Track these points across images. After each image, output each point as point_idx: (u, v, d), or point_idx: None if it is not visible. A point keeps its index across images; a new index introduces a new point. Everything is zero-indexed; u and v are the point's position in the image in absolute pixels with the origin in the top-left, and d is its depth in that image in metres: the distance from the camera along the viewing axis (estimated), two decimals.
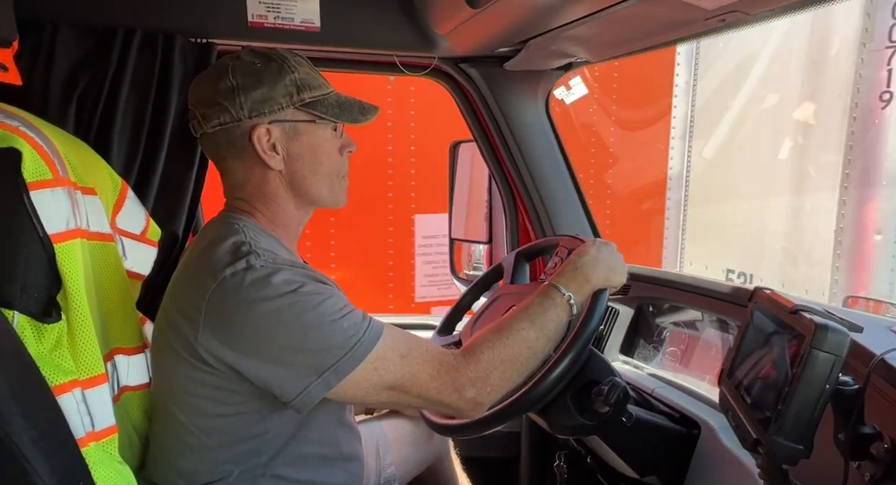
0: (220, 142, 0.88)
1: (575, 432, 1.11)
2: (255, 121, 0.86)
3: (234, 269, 0.78)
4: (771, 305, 0.75)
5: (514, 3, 0.99)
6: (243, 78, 0.86)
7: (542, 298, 0.92)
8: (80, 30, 1.11)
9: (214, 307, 0.78)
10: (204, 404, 0.84)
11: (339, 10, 1.25)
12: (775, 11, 0.93)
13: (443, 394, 0.83)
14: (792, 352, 0.64)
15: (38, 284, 0.68)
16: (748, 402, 0.71)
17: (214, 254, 0.81)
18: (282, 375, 0.78)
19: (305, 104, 0.89)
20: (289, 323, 0.77)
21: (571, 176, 1.55)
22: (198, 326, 0.78)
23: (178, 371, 0.83)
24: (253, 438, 0.86)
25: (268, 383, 0.79)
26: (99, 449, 0.72)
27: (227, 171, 0.92)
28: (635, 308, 1.39)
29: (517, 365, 0.88)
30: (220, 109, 0.85)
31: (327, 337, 0.78)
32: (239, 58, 0.88)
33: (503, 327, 0.89)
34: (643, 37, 1.13)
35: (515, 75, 1.43)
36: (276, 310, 0.77)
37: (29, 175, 0.68)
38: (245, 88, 0.85)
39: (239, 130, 0.86)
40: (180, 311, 0.82)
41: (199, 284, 0.80)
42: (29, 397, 0.60)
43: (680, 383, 1.19)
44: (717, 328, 1.19)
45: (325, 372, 0.77)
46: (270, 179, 0.90)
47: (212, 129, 0.87)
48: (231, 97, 0.85)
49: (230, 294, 0.77)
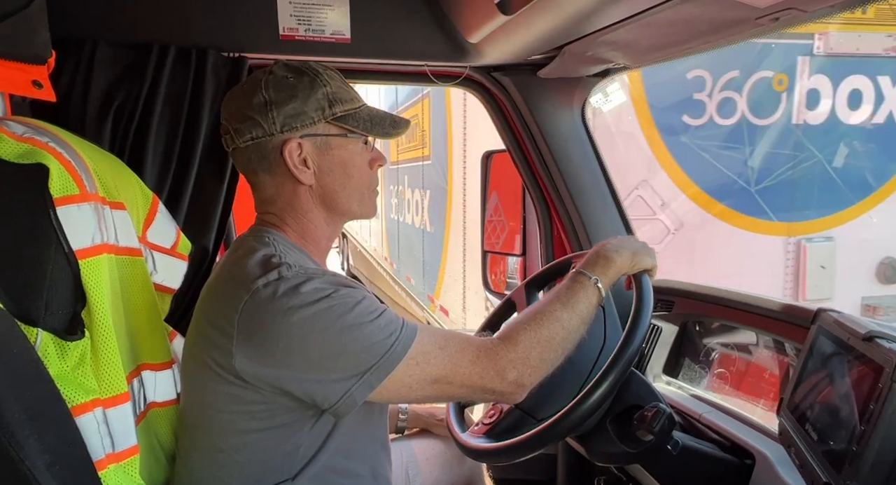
0: (251, 157, 0.88)
1: (615, 461, 1.05)
2: (287, 135, 0.86)
3: (266, 279, 0.78)
4: (838, 328, 0.68)
5: (549, 8, 0.95)
6: (276, 92, 0.86)
7: (571, 283, 0.93)
8: (117, 47, 1.13)
9: (249, 320, 0.77)
10: (235, 420, 0.82)
11: (369, 21, 1.24)
12: (835, 7, 0.85)
13: (486, 379, 0.83)
14: (867, 384, 0.57)
15: (62, 301, 0.68)
16: (814, 438, 0.64)
17: (246, 266, 0.81)
18: (323, 381, 0.77)
19: (337, 118, 0.89)
20: (326, 328, 0.76)
21: (610, 187, 1.48)
22: (232, 340, 0.77)
23: (209, 386, 0.82)
24: (283, 453, 0.84)
25: (309, 391, 0.78)
26: (119, 471, 0.70)
27: (259, 185, 0.91)
28: (679, 326, 1.31)
29: (553, 345, 0.87)
30: (253, 124, 0.86)
31: (366, 338, 0.77)
32: (272, 72, 0.88)
33: (537, 311, 0.89)
34: (687, 40, 1.07)
35: (550, 83, 1.39)
36: (311, 316, 0.76)
37: (56, 191, 0.68)
38: (277, 103, 0.85)
39: (271, 144, 0.87)
40: (213, 324, 0.81)
41: (232, 297, 0.79)
42: (45, 420, 0.59)
43: (730, 407, 1.10)
44: (772, 350, 1.10)
45: (366, 373, 0.77)
46: (301, 194, 0.90)
47: (244, 143, 0.87)
48: (263, 112, 0.85)
49: (264, 305, 0.77)
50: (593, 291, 0.92)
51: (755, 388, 1.11)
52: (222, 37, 1.19)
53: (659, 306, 1.33)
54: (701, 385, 1.22)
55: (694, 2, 0.84)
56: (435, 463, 1.26)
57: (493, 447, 1.01)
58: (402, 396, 0.82)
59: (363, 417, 0.88)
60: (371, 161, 0.94)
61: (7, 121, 0.74)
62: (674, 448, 0.93)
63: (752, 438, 0.99)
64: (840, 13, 0.86)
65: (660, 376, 1.31)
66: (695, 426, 1.09)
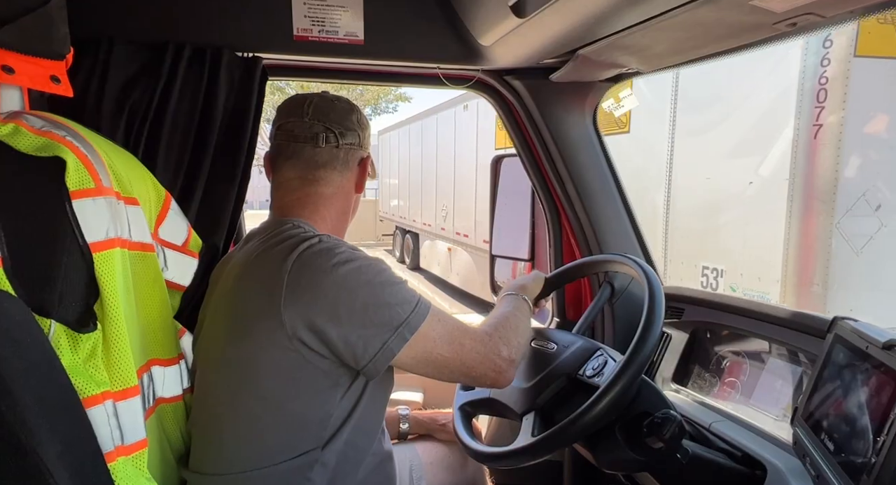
0: (340, 156, 1.04)
1: (624, 468, 1.03)
2: (366, 152, 1.08)
3: (308, 243, 0.88)
4: (856, 337, 0.66)
5: (563, 11, 0.95)
6: (363, 119, 1.09)
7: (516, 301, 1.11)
8: (134, 45, 1.14)
9: (297, 277, 0.84)
10: (274, 388, 0.87)
11: (382, 23, 1.25)
12: (854, 13, 0.84)
13: (489, 350, 0.92)
14: (887, 394, 0.56)
15: (76, 293, 0.68)
16: (830, 448, 0.63)
17: (285, 239, 0.90)
18: (365, 331, 0.84)
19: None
20: (369, 281, 0.86)
21: (620, 192, 1.47)
22: (280, 298, 0.84)
23: (250, 356, 0.87)
24: (316, 421, 0.89)
25: (351, 343, 0.84)
26: (128, 464, 0.70)
27: (324, 179, 1.03)
28: (689, 333, 1.30)
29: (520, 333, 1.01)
30: (353, 135, 1.05)
31: (399, 293, 0.88)
32: (348, 102, 1.08)
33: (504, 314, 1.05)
34: (702, 45, 1.06)
35: (562, 87, 1.38)
36: (356, 270, 0.86)
37: (72, 184, 0.68)
38: (363, 127, 1.08)
39: (357, 154, 1.06)
40: (255, 293, 0.88)
41: (277, 262, 0.86)
42: (57, 410, 0.59)
43: (741, 417, 1.09)
44: (785, 359, 1.08)
45: (401, 325, 0.85)
46: (349, 199, 1.07)
47: (345, 144, 1.04)
48: (360, 129, 1.06)
49: (311, 262, 0.86)
50: (526, 302, 1.12)
51: (767, 397, 1.09)
52: (237, 37, 1.20)
53: (669, 314, 1.31)
54: (711, 394, 1.21)
55: (710, 6, 0.84)
56: (438, 467, 1.25)
57: (500, 451, 1.00)
58: (428, 352, 0.89)
59: (377, 395, 0.95)
60: None
61: (25, 115, 0.74)
62: (683, 457, 0.92)
63: (763, 448, 0.97)
64: (860, 19, 0.85)
65: (669, 384, 1.29)
66: (704, 435, 1.08)
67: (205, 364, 0.96)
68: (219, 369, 0.92)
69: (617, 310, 1.44)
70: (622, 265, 1.13)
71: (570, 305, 1.59)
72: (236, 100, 1.20)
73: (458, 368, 0.91)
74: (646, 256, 1.49)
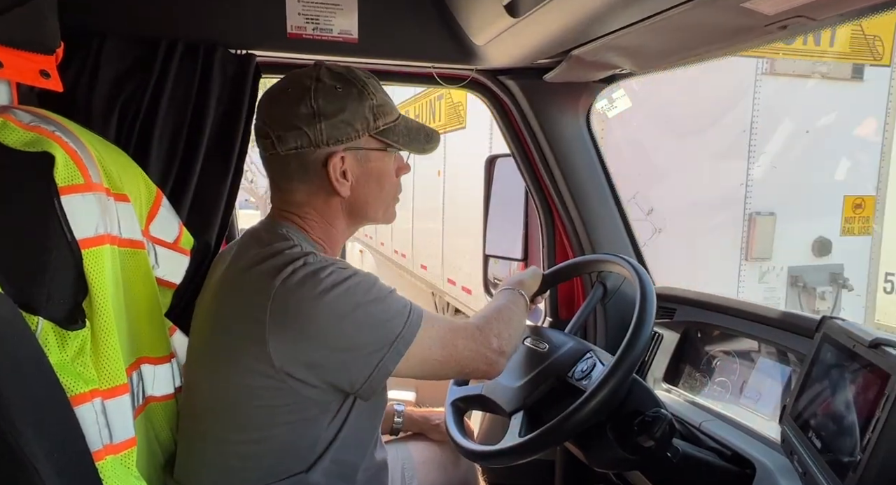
0: (290, 164, 0.88)
1: (614, 466, 1.04)
2: (332, 148, 0.87)
3: (293, 267, 0.80)
4: (843, 336, 0.67)
5: (557, 11, 0.95)
6: (325, 103, 0.85)
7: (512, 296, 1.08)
8: (126, 41, 1.13)
9: (282, 305, 0.78)
10: (259, 414, 0.83)
11: (377, 21, 1.24)
12: (843, 16, 0.85)
13: (480, 345, 0.90)
14: (873, 392, 0.57)
15: (64, 290, 0.67)
16: (817, 446, 0.63)
17: (270, 258, 0.82)
18: (357, 355, 0.80)
19: (379, 132, 0.90)
20: (357, 304, 0.80)
21: (613, 193, 1.48)
22: (264, 327, 0.78)
23: (234, 381, 0.82)
24: (302, 447, 0.85)
25: (344, 368, 0.81)
26: (116, 462, 0.69)
27: (289, 191, 0.91)
28: (681, 333, 1.30)
29: (513, 326, 0.98)
30: (299, 134, 0.85)
31: (390, 308, 0.83)
32: (319, 79, 0.87)
33: (498, 307, 1.01)
34: (695, 46, 1.07)
35: (555, 88, 1.39)
36: (342, 294, 0.79)
37: (61, 179, 0.68)
38: (326, 115, 0.85)
39: (314, 155, 0.87)
40: (240, 316, 0.82)
41: (260, 286, 0.80)
42: (45, 408, 0.58)
43: (731, 416, 1.10)
44: (774, 359, 1.09)
45: (395, 341, 0.81)
46: (332, 203, 0.92)
47: (286, 151, 0.87)
48: (311, 123, 0.85)
49: (296, 290, 0.78)
50: (522, 297, 1.08)
51: (756, 396, 1.10)
52: (231, 34, 1.19)
53: (661, 314, 1.32)
54: (701, 393, 1.21)
55: (702, 8, 0.84)
56: (431, 466, 1.25)
57: (491, 450, 1.00)
58: (423, 360, 0.85)
59: (369, 410, 0.91)
60: (398, 170, 0.97)
61: (14, 109, 0.73)
62: (674, 456, 0.93)
63: (753, 447, 0.98)
64: (849, 22, 0.86)
65: (660, 383, 1.30)
66: (695, 434, 1.08)
67: (192, 366, 0.93)
68: (204, 376, 0.90)
69: (609, 310, 1.45)
70: (615, 265, 1.13)
71: (563, 304, 1.60)
72: (229, 97, 1.19)
73: (452, 367, 0.89)
74: (638, 256, 1.50)
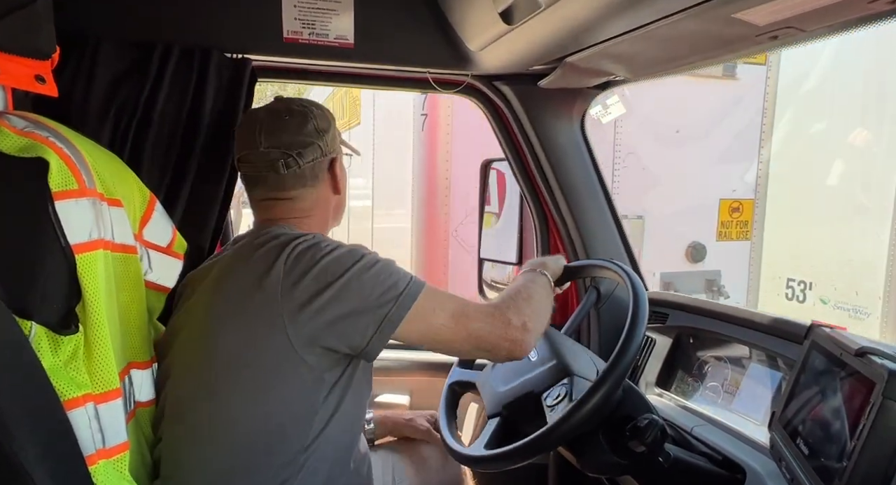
0: (305, 175, 1.02)
1: (607, 471, 1.04)
2: (334, 155, 1.05)
3: (300, 240, 0.90)
4: (831, 344, 0.68)
5: (551, 19, 0.96)
6: (321, 121, 1.04)
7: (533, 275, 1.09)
8: (121, 45, 1.13)
9: (294, 265, 0.86)
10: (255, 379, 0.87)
11: (372, 26, 1.25)
12: (832, 28, 0.86)
13: (498, 321, 0.91)
14: (858, 400, 0.57)
15: (58, 295, 0.67)
16: (805, 452, 0.64)
17: (275, 238, 0.91)
18: (367, 306, 0.85)
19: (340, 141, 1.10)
20: (365, 263, 0.88)
21: (607, 198, 1.49)
22: (277, 289, 0.85)
23: (236, 348, 0.87)
24: (300, 422, 0.88)
25: (352, 321, 0.85)
26: (109, 467, 0.69)
27: (299, 197, 1.03)
28: (673, 338, 1.31)
29: (536, 302, 1.00)
30: (314, 148, 1.02)
31: (391, 271, 0.90)
32: (304, 106, 1.04)
33: (512, 286, 1.03)
34: (688, 54, 1.08)
35: (550, 94, 1.40)
36: (349, 252, 0.89)
37: (55, 185, 0.68)
38: (325, 130, 1.04)
39: (323, 163, 1.03)
40: (245, 290, 0.88)
41: (271, 259, 0.87)
42: (38, 412, 0.58)
43: (722, 421, 1.11)
44: (765, 365, 1.10)
45: (397, 299, 0.87)
46: (331, 202, 1.07)
47: (306, 164, 1.01)
48: (320, 136, 1.02)
49: (307, 252, 0.88)
50: (544, 276, 1.10)
51: (747, 401, 1.11)
52: (226, 38, 1.20)
53: (653, 319, 1.33)
54: (693, 398, 1.22)
55: (694, 18, 0.85)
56: (420, 468, 1.26)
57: (484, 455, 1.00)
58: (427, 324, 0.89)
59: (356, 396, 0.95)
60: None
61: (8, 115, 0.73)
62: (666, 461, 0.93)
63: (743, 452, 0.99)
64: (839, 33, 0.87)
65: (652, 388, 1.31)
66: (686, 439, 1.09)
67: (180, 369, 0.94)
68: (197, 371, 0.91)
69: (602, 315, 1.46)
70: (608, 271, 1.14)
71: (557, 309, 1.60)
72: (225, 101, 1.20)
73: (465, 339, 0.90)
74: (631, 261, 1.51)
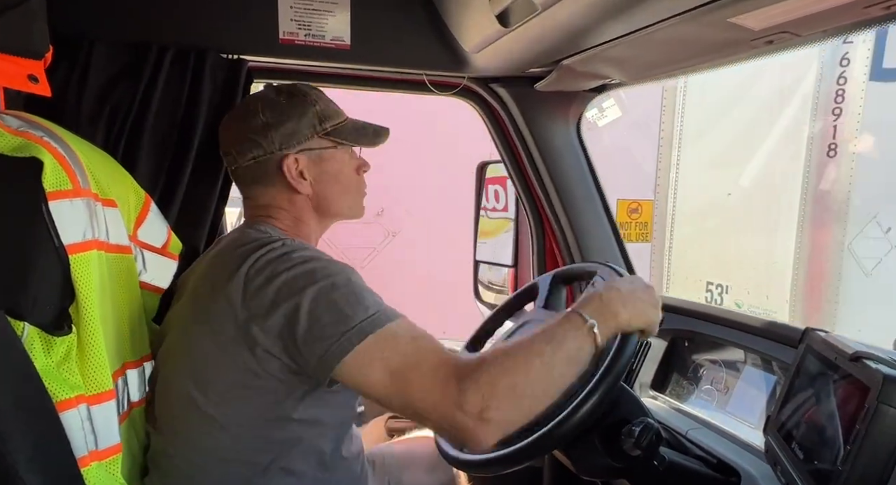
0: (253, 173, 0.99)
1: (601, 475, 1.04)
2: (285, 152, 0.97)
3: (270, 246, 0.85)
4: (826, 348, 0.68)
5: (547, 22, 0.96)
6: (272, 115, 0.97)
7: (563, 321, 0.81)
8: (115, 45, 1.12)
9: (256, 276, 0.82)
10: (227, 391, 0.85)
11: (369, 28, 1.25)
12: (827, 33, 0.87)
13: (445, 395, 0.72)
14: (853, 404, 0.58)
15: (51, 295, 0.67)
16: (800, 456, 0.64)
17: (249, 242, 0.88)
18: (312, 334, 0.77)
19: (328, 133, 1.00)
20: (328, 284, 0.80)
21: (603, 201, 1.50)
22: (238, 297, 0.81)
23: (207, 359, 0.85)
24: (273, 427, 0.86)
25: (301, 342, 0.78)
26: (101, 469, 0.69)
27: (256, 196, 1.01)
28: (669, 341, 1.31)
29: (530, 380, 0.75)
30: (253, 145, 0.97)
31: (357, 297, 0.80)
32: (265, 97, 0.99)
33: (517, 342, 0.81)
34: (684, 59, 1.09)
35: (546, 96, 1.40)
36: (310, 272, 0.81)
37: (49, 185, 0.67)
38: (275, 124, 0.96)
39: (271, 161, 0.98)
40: (214, 294, 0.85)
41: (237, 264, 0.84)
42: (30, 414, 0.58)
43: (717, 424, 1.11)
44: (760, 368, 1.10)
45: (349, 330, 0.76)
46: (297, 202, 1.01)
47: (246, 162, 0.98)
48: (263, 133, 0.96)
49: (273, 260, 0.83)
50: (587, 334, 0.78)
51: (742, 405, 1.11)
52: (222, 39, 1.19)
53: None
54: (688, 401, 1.23)
55: (689, 23, 0.86)
56: (414, 467, 1.25)
57: (478, 459, 1.00)
58: (362, 374, 0.77)
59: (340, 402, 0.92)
60: (358, 167, 1.06)
61: (2, 114, 0.73)
62: (660, 464, 0.93)
63: (738, 455, 0.99)
64: (834, 38, 0.88)
65: (647, 391, 1.31)
66: (681, 443, 1.09)
67: (167, 369, 0.94)
68: (179, 371, 0.91)
69: None
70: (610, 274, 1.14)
71: None
72: (220, 102, 1.19)
73: (402, 407, 0.76)
74: (627, 264, 1.51)
